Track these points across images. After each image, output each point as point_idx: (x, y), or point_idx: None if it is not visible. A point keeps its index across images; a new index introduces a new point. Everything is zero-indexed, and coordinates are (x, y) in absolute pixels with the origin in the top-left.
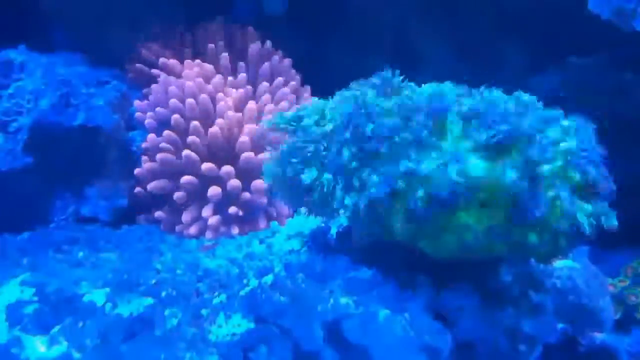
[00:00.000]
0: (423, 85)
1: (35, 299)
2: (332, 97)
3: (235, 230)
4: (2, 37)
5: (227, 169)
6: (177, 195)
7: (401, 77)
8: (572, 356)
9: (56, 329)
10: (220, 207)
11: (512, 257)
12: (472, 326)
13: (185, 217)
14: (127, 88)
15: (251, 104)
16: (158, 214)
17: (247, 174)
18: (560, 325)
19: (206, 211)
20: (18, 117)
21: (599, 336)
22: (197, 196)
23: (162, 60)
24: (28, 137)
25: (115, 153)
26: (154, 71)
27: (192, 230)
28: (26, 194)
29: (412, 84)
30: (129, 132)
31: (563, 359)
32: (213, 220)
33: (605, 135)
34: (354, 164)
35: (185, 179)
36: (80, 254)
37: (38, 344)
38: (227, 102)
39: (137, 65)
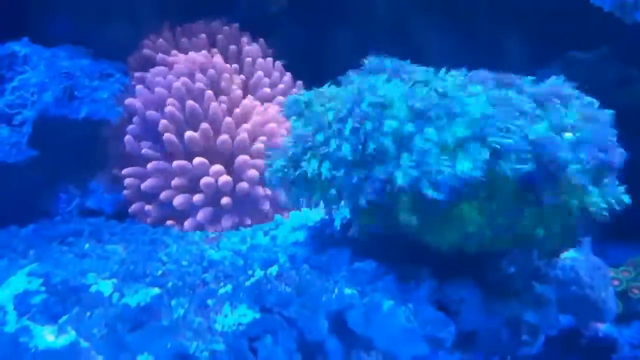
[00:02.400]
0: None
1: (43, 289)
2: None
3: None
4: (4, 30)
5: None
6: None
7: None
8: (574, 347)
9: (64, 318)
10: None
11: (516, 249)
12: (475, 317)
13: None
14: (130, 81)
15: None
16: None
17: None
18: (563, 317)
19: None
20: (22, 110)
21: (601, 327)
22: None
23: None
24: (32, 130)
25: (120, 146)
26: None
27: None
28: (31, 187)
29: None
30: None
31: (565, 350)
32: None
33: None
34: (356, 156)
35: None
36: (86, 245)
37: (46, 333)
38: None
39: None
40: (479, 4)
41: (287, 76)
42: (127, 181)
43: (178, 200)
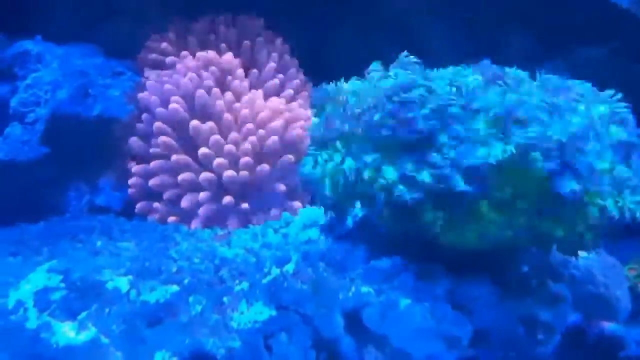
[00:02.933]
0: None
1: (62, 285)
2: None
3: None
4: (14, 28)
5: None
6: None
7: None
8: (585, 345)
9: (83, 314)
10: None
11: (533, 248)
12: (490, 315)
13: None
14: (141, 79)
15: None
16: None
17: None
18: (576, 315)
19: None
20: (35, 108)
21: (609, 326)
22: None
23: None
24: (45, 127)
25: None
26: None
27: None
28: (41, 184)
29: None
30: None
31: (577, 348)
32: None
33: None
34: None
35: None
36: (99, 242)
37: (67, 330)
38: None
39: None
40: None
41: (300, 73)
42: (132, 180)
43: (184, 202)
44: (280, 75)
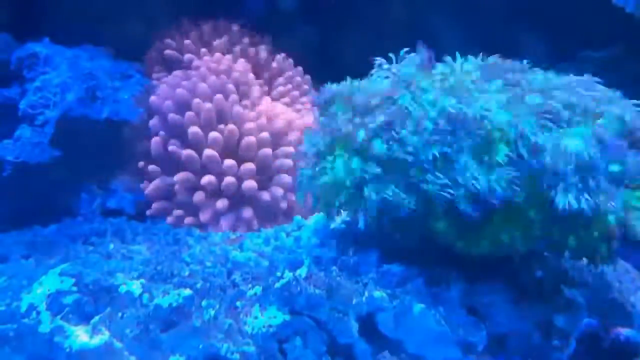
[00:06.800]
0: None
1: (75, 289)
2: None
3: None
4: (22, 30)
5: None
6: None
7: None
8: (600, 351)
9: (96, 318)
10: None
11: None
12: (505, 320)
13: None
14: (150, 81)
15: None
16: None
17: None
18: (590, 320)
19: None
20: (45, 111)
21: (624, 331)
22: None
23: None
24: (55, 130)
25: (140, 146)
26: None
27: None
28: (53, 187)
29: None
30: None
31: (592, 354)
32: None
33: None
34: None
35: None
36: (111, 246)
37: (80, 333)
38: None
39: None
40: (493, 2)
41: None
42: (149, 180)
43: (205, 211)
44: (288, 85)
